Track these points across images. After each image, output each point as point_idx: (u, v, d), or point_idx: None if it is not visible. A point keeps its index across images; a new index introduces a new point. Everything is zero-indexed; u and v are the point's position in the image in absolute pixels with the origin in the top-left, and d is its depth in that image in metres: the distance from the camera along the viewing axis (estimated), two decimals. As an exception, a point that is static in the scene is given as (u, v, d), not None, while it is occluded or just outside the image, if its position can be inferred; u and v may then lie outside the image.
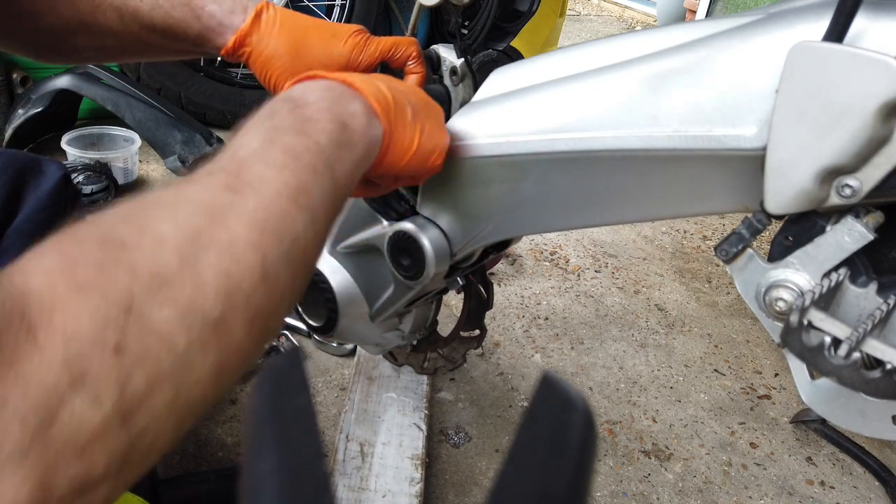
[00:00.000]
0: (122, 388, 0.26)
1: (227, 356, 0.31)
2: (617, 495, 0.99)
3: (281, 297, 0.35)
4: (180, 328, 0.29)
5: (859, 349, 0.42)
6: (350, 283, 0.78)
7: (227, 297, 0.31)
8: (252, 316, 0.32)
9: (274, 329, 0.36)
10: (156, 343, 0.27)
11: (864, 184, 0.41)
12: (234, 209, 0.33)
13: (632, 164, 0.50)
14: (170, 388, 0.28)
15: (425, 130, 0.53)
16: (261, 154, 0.38)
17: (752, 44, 0.44)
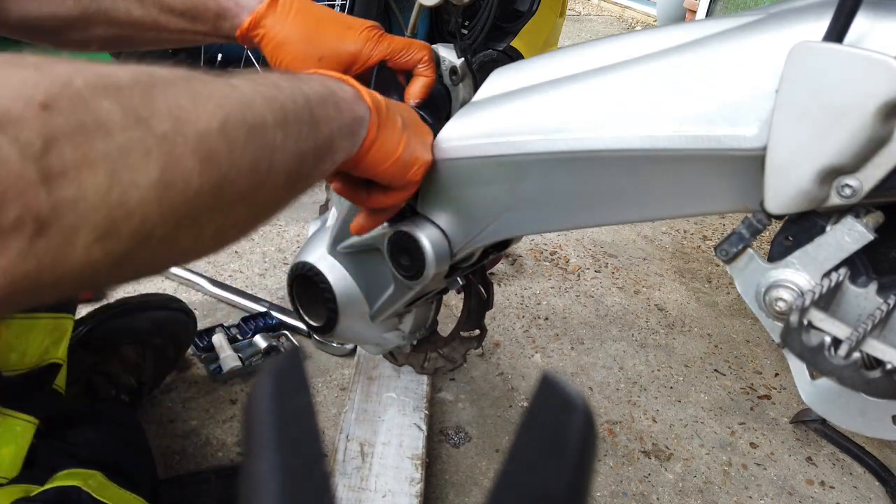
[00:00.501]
0: (46, 143, 0.24)
1: (173, 177, 0.29)
2: (617, 495, 0.99)
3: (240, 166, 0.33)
4: (120, 121, 0.27)
5: (859, 349, 0.42)
6: (350, 283, 0.78)
7: (177, 124, 0.29)
8: (205, 156, 0.31)
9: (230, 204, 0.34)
10: (91, 122, 0.26)
11: (864, 184, 0.41)
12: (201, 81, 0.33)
13: (632, 164, 0.50)
14: (103, 174, 0.26)
15: (411, 142, 0.54)
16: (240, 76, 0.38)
17: (752, 44, 0.44)
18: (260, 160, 0.35)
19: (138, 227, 0.28)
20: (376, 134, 0.50)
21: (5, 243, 0.23)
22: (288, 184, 0.39)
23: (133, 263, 0.29)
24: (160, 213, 0.29)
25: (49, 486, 0.60)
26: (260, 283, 1.35)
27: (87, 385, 0.91)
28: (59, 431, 0.70)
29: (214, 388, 1.08)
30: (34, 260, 0.25)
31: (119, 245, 0.27)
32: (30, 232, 0.24)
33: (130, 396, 0.95)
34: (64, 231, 0.25)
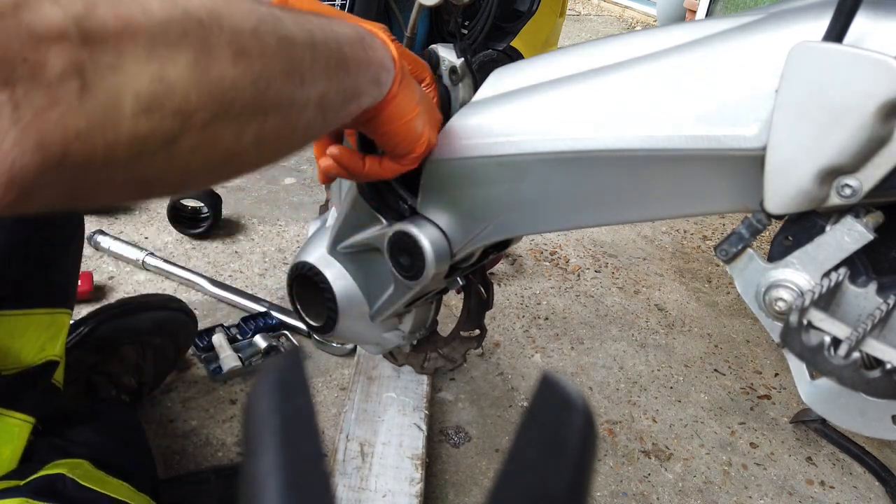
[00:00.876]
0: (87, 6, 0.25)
1: (208, 63, 0.30)
2: (617, 495, 1.00)
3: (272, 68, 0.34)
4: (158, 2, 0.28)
5: (859, 349, 0.42)
6: (350, 283, 0.78)
7: (211, 15, 0.30)
8: (238, 51, 0.31)
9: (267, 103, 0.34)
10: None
11: (864, 184, 0.41)
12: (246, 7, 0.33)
13: (632, 164, 0.50)
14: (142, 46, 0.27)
15: (424, 113, 0.56)
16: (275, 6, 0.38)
17: (752, 44, 0.44)
18: (291, 71, 0.36)
19: (180, 106, 0.29)
20: (398, 89, 0.51)
21: (55, 94, 0.24)
22: (320, 107, 0.40)
23: (182, 153, 0.30)
24: (199, 96, 0.29)
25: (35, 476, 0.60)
26: (260, 283, 1.35)
27: (87, 385, 0.91)
28: (57, 430, 0.70)
29: (214, 388, 1.08)
30: (84, 117, 0.25)
31: (164, 123, 0.28)
32: (76, 87, 0.24)
33: (130, 397, 0.95)
34: (108, 92, 0.26)
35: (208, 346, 1.12)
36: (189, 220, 1.48)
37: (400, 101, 0.52)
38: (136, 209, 1.56)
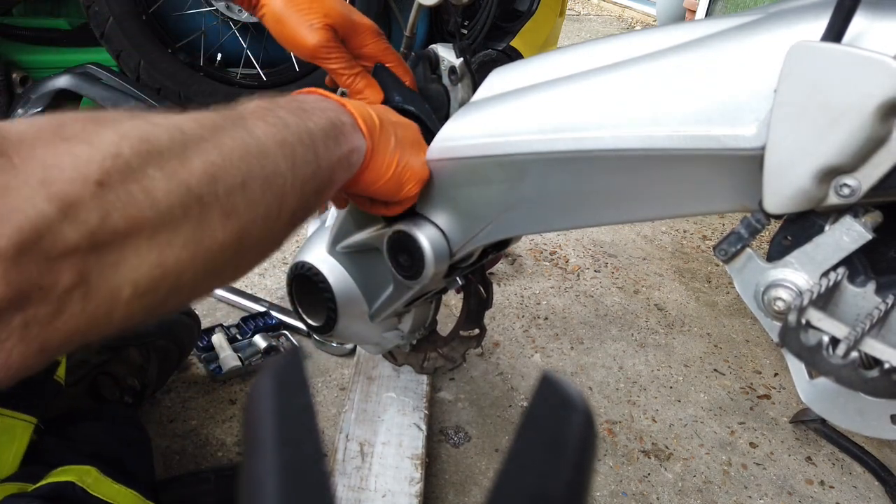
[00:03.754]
0: (101, 218, 0.27)
1: (202, 235, 0.32)
2: (617, 495, 1.00)
3: (255, 215, 0.36)
4: (164, 188, 0.30)
5: (857, 348, 0.42)
6: (349, 282, 0.78)
7: (210, 181, 0.32)
8: (228, 211, 0.34)
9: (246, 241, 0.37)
10: (139, 192, 0.28)
11: (862, 183, 0.41)
12: (224, 131, 0.36)
13: (631, 163, 0.50)
14: (146, 238, 0.29)
15: (404, 160, 0.56)
16: (254, 114, 0.41)
17: (751, 43, 0.44)
18: (272, 207, 0.38)
19: (173, 284, 0.31)
20: (369, 159, 0.53)
21: (61, 305, 0.26)
22: (293, 221, 0.42)
23: (163, 309, 0.32)
24: (193, 268, 0.32)
25: (44, 483, 0.60)
26: (259, 283, 1.35)
27: (91, 386, 0.91)
28: (59, 430, 0.70)
29: (214, 388, 1.08)
30: (85, 318, 0.27)
31: (156, 299, 0.30)
32: (81, 294, 0.27)
33: (133, 398, 0.95)
34: (109, 289, 0.28)
35: (208, 346, 1.12)
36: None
37: (373, 167, 0.54)
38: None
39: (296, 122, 0.43)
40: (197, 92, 1.92)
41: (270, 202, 0.38)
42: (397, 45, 0.74)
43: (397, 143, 0.56)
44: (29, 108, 1.63)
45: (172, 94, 1.88)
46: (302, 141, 0.42)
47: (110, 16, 1.80)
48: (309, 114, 0.45)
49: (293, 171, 0.40)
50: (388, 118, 0.56)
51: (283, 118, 0.42)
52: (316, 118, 0.46)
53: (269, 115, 0.41)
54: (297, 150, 0.41)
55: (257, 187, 0.36)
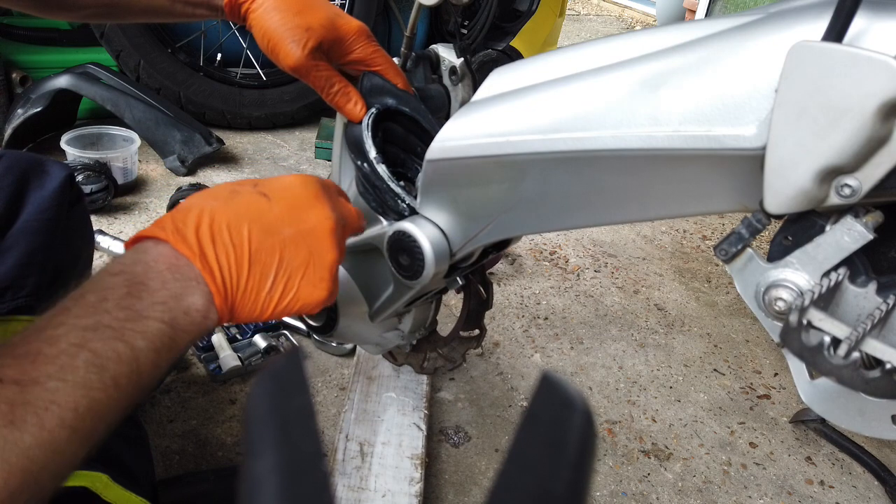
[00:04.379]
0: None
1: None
2: (616, 495, 1.00)
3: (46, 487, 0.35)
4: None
5: (858, 349, 0.42)
6: (349, 282, 0.78)
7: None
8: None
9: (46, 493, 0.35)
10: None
11: (863, 183, 0.41)
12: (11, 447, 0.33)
13: (631, 163, 0.50)
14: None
15: (289, 292, 0.48)
16: (63, 363, 0.36)
17: (751, 43, 0.44)
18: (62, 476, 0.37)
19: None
20: (231, 315, 0.46)
21: None
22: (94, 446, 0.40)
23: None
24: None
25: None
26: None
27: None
28: None
29: (214, 388, 1.08)
30: None
31: None
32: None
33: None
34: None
35: (208, 346, 1.12)
36: (188, 219, 1.48)
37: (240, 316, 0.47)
38: (136, 209, 1.56)
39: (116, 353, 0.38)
40: (196, 92, 1.92)
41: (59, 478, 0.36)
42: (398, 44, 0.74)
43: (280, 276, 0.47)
44: (29, 109, 1.63)
45: (172, 94, 1.88)
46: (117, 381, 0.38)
47: (110, 15, 1.80)
48: (142, 322, 0.40)
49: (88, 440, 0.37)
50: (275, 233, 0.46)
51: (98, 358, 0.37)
52: (150, 326, 0.40)
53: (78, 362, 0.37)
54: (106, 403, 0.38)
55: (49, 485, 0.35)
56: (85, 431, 0.37)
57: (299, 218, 0.48)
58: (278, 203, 0.48)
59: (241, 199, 0.47)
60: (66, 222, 0.74)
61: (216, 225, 0.45)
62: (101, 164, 1.48)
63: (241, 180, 0.51)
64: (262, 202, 0.47)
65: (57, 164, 0.76)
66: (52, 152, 1.66)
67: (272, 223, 0.47)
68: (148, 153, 1.77)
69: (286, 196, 0.48)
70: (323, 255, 0.49)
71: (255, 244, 0.45)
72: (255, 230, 0.46)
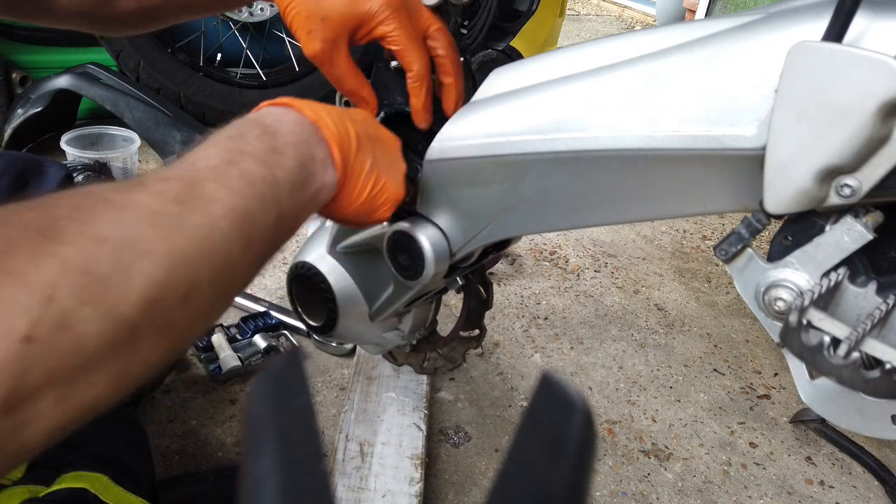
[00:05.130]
0: (18, 379, 0.26)
1: (129, 365, 0.31)
2: (616, 495, 1.00)
3: (198, 316, 0.35)
4: (95, 329, 0.29)
5: (858, 349, 0.42)
6: (349, 282, 0.78)
7: (149, 308, 0.31)
8: (164, 328, 0.32)
9: (182, 346, 0.35)
10: (67, 341, 0.28)
11: (863, 183, 0.41)
12: (178, 222, 0.34)
13: (631, 164, 0.50)
14: (65, 388, 0.28)
15: (378, 184, 0.54)
16: (218, 172, 0.39)
17: (751, 43, 0.44)
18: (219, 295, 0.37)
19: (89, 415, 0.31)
20: (340, 190, 0.51)
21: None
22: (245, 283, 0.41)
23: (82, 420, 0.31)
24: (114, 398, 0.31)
25: (57, 488, 0.60)
26: (259, 283, 1.35)
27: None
28: None
29: (214, 388, 1.08)
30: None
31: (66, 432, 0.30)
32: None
33: (131, 396, 0.94)
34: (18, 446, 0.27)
35: (208, 346, 1.12)
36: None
37: (346, 195, 0.52)
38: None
39: (261, 175, 0.41)
40: (196, 92, 1.92)
41: (217, 293, 0.36)
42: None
43: (373, 165, 0.53)
44: (29, 109, 1.63)
45: (172, 94, 1.88)
46: (264, 200, 0.40)
47: (110, 16, 1.80)
48: (279, 157, 0.43)
49: (249, 247, 0.39)
50: (367, 135, 0.53)
51: (247, 175, 0.40)
52: (286, 161, 0.44)
53: (231, 172, 0.39)
54: (258, 217, 0.39)
55: (204, 290, 0.35)
56: (244, 232, 0.38)
57: (377, 131, 0.56)
58: (360, 115, 0.55)
59: (335, 111, 0.53)
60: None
61: (326, 115, 0.50)
62: (101, 164, 1.48)
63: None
64: (349, 111, 0.54)
65: (55, 165, 0.76)
66: (52, 152, 1.66)
67: (363, 126, 0.53)
68: (148, 153, 1.77)
69: (363, 115, 0.56)
70: (399, 164, 0.57)
71: (355, 132, 0.52)
72: (352, 124, 0.52)
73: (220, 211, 0.37)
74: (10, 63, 1.80)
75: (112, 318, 0.29)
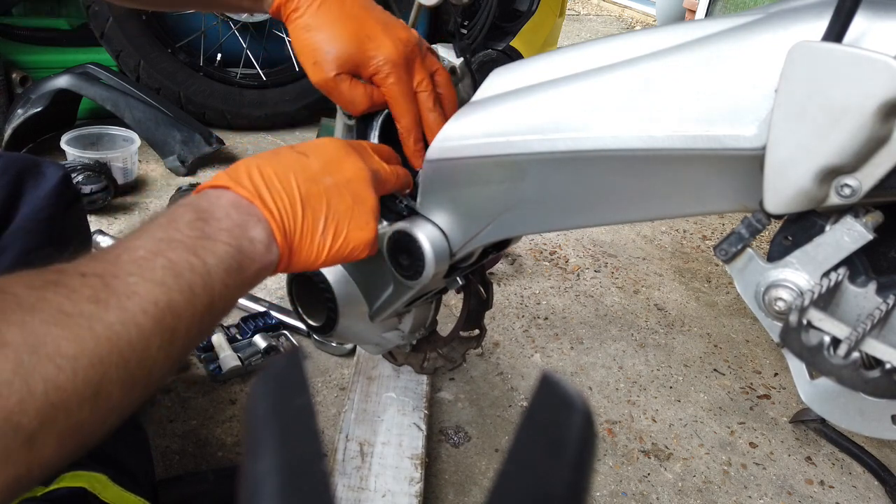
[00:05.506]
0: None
1: (27, 470, 0.30)
2: (616, 495, 1.00)
3: (107, 415, 0.34)
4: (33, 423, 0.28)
5: (858, 349, 0.42)
6: (349, 282, 0.78)
7: (50, 413, 0.30)
8: (69, 432, 0.32)
9: (88, 443, 0.35)
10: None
11: (863, 183, 0.41)
12: (90, 322, 0.33)
13: (631, 163, 0.50)
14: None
15: (339, 238, 0.51)
16: (141, 265, 0.38)
17: (751, 43, 0.44)
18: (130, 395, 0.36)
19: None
20: (289, 258, 0.49)
21: None
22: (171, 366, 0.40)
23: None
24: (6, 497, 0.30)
25: (56, 487, 0.60)
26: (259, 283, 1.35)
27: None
28: None
29: (214, 388, 1.08)
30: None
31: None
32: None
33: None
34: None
35: (208, 346, 1.12)
36: (188, 219, 1.48)
37: (298, 262, 0.50)
38: (136, 209, 1.56)
39: (190, 264, 0.39)
40: (196, 92, 1.92)
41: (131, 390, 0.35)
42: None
43: (330, 220, 0.50)
44: (29, 109, 1.63)
45: (172, 94, 1.88)
46: (192, 290, 0.39)
47: (110, 16, 1.80)
48: (211, 243, 0.42)
49: (171, 341, 0.37)
50: (319, 186, 0.50)
51: (174, 265, 0.39)
52: (218, 248, 0.42)
53: (157, 263, 0.38)
54: (184, 309, 0.38)
55: (114, 389, 0.34)
56: (166, 326, 0.37)
57: (337, 169, 0.52)
58: (316, 158, 0.52)
59: (283, 156, 0.51)
60: (63, 223, 0.74)
61: (266, 174, 0.48)
62: (101, 164, 1.48)
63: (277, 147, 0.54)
64: (301, 158, 0.51)
65: (53, 165, 0.75)
66: (52, 152, 1.66)
67: (315, 174, 0.51)
68: (148, 153, 1.77)
69: (322, 153, 0.53)
70: (364, 201, 0.53)
71: (303, 191, 0.49)
72: (300, 180, 0.49)
73: (138, 306, 0.36)
74: (10, 63, 1.80)
75: (8, 426, 0.29)
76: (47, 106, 1.63)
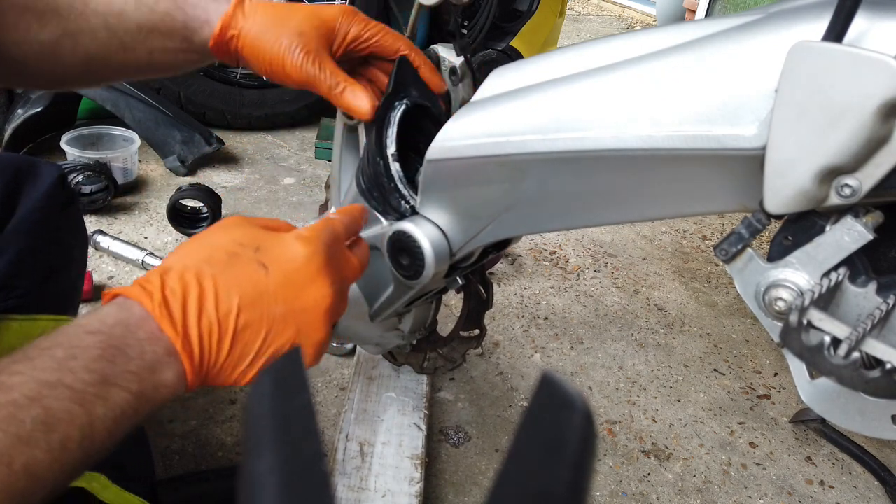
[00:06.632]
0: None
1: None
2: (616, 495, 1.00)
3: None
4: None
5: (859, 349, 0.42)
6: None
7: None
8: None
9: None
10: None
11: (863, 183, 0.41)
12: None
13: (631, 163, 0.50)
14: None
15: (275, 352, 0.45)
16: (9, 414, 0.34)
17: (751, 43, 0.44)
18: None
19: None
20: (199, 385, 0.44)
21: None
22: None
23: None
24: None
25: None
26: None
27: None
28: None
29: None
30: None
31: None
32: None
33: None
34: None
35: (208, 345, 1.12)
36: (188, 219, 1.48)
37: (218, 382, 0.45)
38: (136, 209, 1.56)
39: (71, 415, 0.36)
40: (196, 92, 1.92)
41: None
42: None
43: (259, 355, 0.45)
44: (29, 109, 1.63)
45: (172, 94, 1.88)
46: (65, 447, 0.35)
47: (110, 16, 1.80)
48: (108, 389, 0.38)
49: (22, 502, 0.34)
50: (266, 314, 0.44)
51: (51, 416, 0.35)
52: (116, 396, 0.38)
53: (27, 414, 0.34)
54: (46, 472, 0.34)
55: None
56: (17, 491, 0.33)
57: (295, 295, 0.46)
58: (276, 277, 0.45)
59: (238, 268, 0.45)
60: (59, 223, 0.74)
61: (206, 296, 0.43)
62: (101, 164, 1.48)
63: (247, 232, 0.47)
64: (258, 274, 0.45)
65: (49, 165, 0.75)
66: (53, 152, 1.66)
67: (264, 299, 0.45)
68: (148, 153, 1.77)
69: (286, 269, 0.46)
70: (310, 335, 0.47)
71: (241, 322, 0.44)
72: (244, 306, 0.44)
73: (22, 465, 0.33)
74: (10, 63, 1.80)
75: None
76: (47, 106, 1.63)
